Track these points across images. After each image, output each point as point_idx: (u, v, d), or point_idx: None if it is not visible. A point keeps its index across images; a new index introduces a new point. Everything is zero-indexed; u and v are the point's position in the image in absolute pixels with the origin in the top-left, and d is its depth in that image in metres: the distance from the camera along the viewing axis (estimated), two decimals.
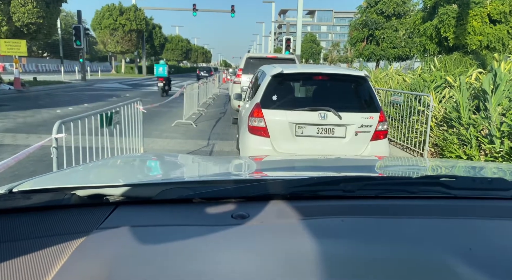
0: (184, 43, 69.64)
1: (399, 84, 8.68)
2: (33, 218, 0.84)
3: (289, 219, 0.83)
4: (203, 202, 0.92)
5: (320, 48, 65.85)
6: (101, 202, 0.92)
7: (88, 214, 0.86)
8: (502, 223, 0.87)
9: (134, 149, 5.01)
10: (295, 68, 4.84)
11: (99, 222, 0.81)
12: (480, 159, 5.11)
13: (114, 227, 0.79)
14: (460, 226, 0.84)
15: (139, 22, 37.93)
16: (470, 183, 1.07)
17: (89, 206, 0.91)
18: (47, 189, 0.93)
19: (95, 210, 0.88)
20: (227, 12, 32.73)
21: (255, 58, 9.54)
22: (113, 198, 0.92)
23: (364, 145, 4.08)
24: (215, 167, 1.56)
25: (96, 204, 0.92)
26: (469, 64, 9.84)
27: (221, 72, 33.15)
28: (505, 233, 0.83)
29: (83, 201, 0.91)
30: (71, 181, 1.16)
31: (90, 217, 0.84)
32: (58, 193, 0.91)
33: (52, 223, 0.81)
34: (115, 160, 1.70)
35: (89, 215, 0.85)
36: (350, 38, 28.03)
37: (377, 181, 1.11)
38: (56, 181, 1.13)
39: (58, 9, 19.32)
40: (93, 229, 0.78)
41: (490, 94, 5.16)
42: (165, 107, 10.91)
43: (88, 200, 0.92)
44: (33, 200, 0.89)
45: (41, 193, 0.90)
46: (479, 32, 14.80)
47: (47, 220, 0.83)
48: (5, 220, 0.82)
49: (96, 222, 0.81)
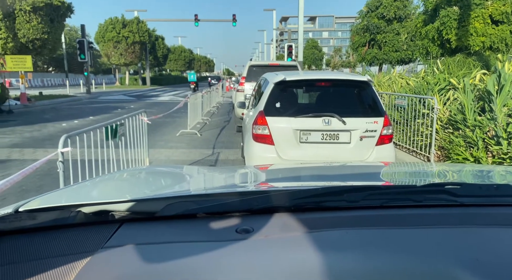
0: (187, 53, 70.24)
1: (403, 87, 8.65)
2: (39, 238, 0.84)
3: (293, 232, 0.83)
4: (207, 217, 0.92)
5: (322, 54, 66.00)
6: (106, 219, 0.92)
7: (93, 232, 0.86)
8: (509, 231, 0.86)
9: (139, 160, 5.03)
10: (298, 75, 4.85)
11: (104, 240, 0.81)
12: (488, 161, 5.06)
13: (119, 245, 0.79)
14: (466, 235, 0.83)
15: (142, 34, 38.36)
16: (476, 189, 1.05)
17: (95, 223, 0.91)
18: (53, 207, 0.93)
19: (101, 228, 0.88)
20: (229, 21, 33.03)
21: (258, 66, 9.58)
22: (118, 213, 0.93)
23: (369, 150, 4.06)
24: (219, 178, 1.56)
25: (101, 221, 0.92)
26: (473, 65, 9.80)
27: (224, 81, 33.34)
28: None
29: (88, 218, 0.91)
30: (77, 198, 1.16)
31: (95, 235, 0.84)
32: (64, 211, 0.91)
33: (58, 243, 0.81)
34: (120, 174, 1.71)
35: (94, 233, 0.85)
36: (352, 43, 28.07)
37: (381, 190, 1.10)
38: (62, 198, 1.13)
39: (62, 24, 19.63)
40: (98, 248, 0.78)
41: (495, 95, 5.13)
42: (169, 117, 10.97)
43: (94, 217, 0.92)
44: (39, 219, 0.89)
45: (47, 212, 0.91)
46: (481, 33, 14.75)
47: (53, 240, 0.83)
48: (11, 241, 0.82)
49: (101, 240, 0.81)
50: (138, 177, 1.61)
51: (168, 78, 53.85)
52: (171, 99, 21.55)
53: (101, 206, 0.93)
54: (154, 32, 45.73)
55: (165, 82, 48.64)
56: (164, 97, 24.21)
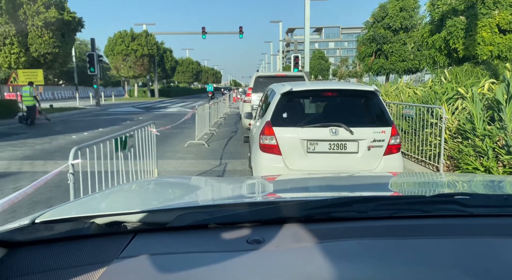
0: (194, 65, 71.06)
1: (410, 97, 8.63)
2: (56, 249, 0.86)
3: (304, 242, 0.83)
4: (219, 227, 0.93)
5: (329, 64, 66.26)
6: (119, 230, 0.94)
7: (108, 243, 0.87)
8: None
9: (148, 171, 5.07)
10: (304, 85, 4.87)
11: (119, 251, 0.83)
12: (499, 170, 4.99)
13: (133, 256, 0.80)
14: (477, 246, 0.82)
15: (150, 47, 39.00)
16: (486, 200, 1.05)
17: (109, 234, 0.93)
18: (67, 218, 0.95)
19: (115, 239, 0.89)
20: (236, 33, 33.42)
21: (264, 77, 9.65)
22: (131, 225, 0.94)
23: (377, 159, 4.04)
24: (228, 189, 1.57)
25: (115, 232, 0.93)
26: (481, 74, 9.75)
27: (231, 92, 33.61)
28: None
29: (102, 229, 0.93)
30: (90, 209, 1.18)
31: (110, 246, 0.86)
32: (78, 222, 0.93)
33: (75, 254, 0.83)
34: (130, 185, 1.73)
35: (109, 244, 0.87)
36: (359, 53, 28.18)
37: (391, 200, 1.10)
38: (76, 210, 1.16)
39: (73, 38, 20.08)
40: (113, 258, 0.79)
41: (504, 105, 5.09)
42: (178, 128, 11.06)
43: (107, 228, 0.94)
44: (55, 230, 0.91)
45: (62, 223, 0.93)
46: (489, 43, 14.71)
47: (69, 250, 0.85)
48: (30, 252, 0.84)
49: (116, 251, 0.83)
50: (147, 188, 1.62)
51: (176, 90, 54.45)
52: (179, 111, 21.74)
53: (114, 217, 0.94)
54: (162, 45, 46.49)
55: (173, 94, 49.17)
56: (172, 108, 24.44)
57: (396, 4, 25.62)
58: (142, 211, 0.96)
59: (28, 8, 16.72)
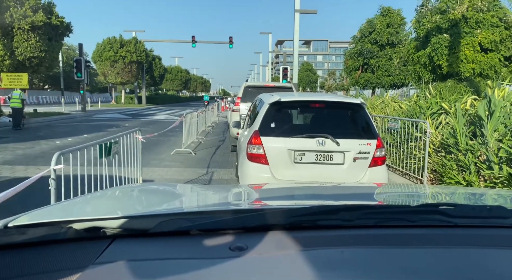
0: (183, 74, 71.00)
1: (396, 111, 8.78)
2: (28, 254, 0.82)
3: (288, 250, 0.82)
4: (201, 234, 0.91)
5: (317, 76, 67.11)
6: (98, 235, 0.91)
7: (84, 248, 0.84)
8: (503, 252, 0.86)
9: (133, 179, 4.99)
10: (293, 96, 4.92)
11: (95, 256, 0.80)
12: (480, 185, 5.09)
13: (110, 261, 0.78)
14: (461, 256, 0.83)
15: (139, 54, 38.83)
16: (470, 211, 1.06)
17: (86, 239, 0.90)
18: (43, 223, 0.92)
19: (92, 244, 0.87)
20: (225, 43, 33.63)
21: (253, 87, 9.70)
22: (110, 230, 0.91)
23: (362, 171, 4.08)
24: (213, 196, 1.56)
25: (93, 237, 0.91)
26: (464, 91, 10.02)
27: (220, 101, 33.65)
28: (506, 263, 0.82)
29: (79, 234, 0.90)
30: (68, 214, 1.15)
31: (86, 251, 0.83)
32: (54, 227, 0.90)
33: (47, 259, 0.80)
34: (113, 191, 1.70)
35: (85, 249, 0.84)
36: (346, 66, 28.63)
37: (376, 209, 1.11)
38: (53, 214, 1.12)
39: (60, 43, 19.83)
40: (89, 264, 0.77)
41: (486, 120, 5.22)
42: (164, 136, 10.96)
43: (85, 233, 0.91)
44: (28, 235, 0.88)
45: (37, 227, 0.89)
46: (471, 60, 15.16)
47: (42, 256, 0.82)
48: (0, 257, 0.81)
49: (92, 256, 0.80)
50: (131, 194, 1.60)
51: (164, 97, 54.17)
52: (166, 118, 21.59)
53: (93, 222, 0.92)
54: (151, 52, 46.34)
55: (161, 101, 48.91)
56: (160, 116, 24.27)
57: (383, 20, 26.26)
58: (123, 217, 0.93)
59: (15, 11, 16.48)
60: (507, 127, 5.15)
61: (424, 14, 16.76)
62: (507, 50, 15.23)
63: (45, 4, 18.12)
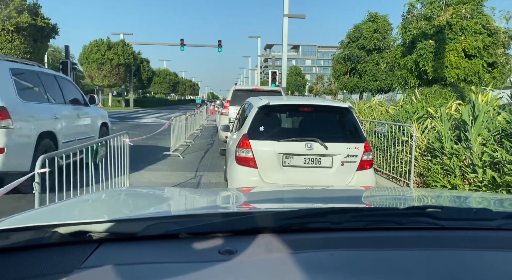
0: (171, 77, 70.63)
1: (383, 115, 8.90)
2: (11, 259, 0.80)
3: (277, 253, 0.82)
4: (190, 237, 0.90)
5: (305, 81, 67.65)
6: (83, 240, 0.89)
7: (69, 253, 0.83)
8: (489, 254, 0.88)
9: (120, 183, 4.92)
10: (281, 100, 4.94)
11: (81, 261, 0.78)
12: (464, 188, 5.19)
13: (96, 266, 0.76)
14: (448, 258, 0.84)
15: (127, 57, 38.50)
16: (457, 213, 1.08)
17: (71, 244, 0.88)
18: (27, 227, 0.90)
19: (78, 248, 0.85)
20: (214, 46, 33.61)
21: (242, 90, 9.71)
22: (97, 234, 0.90)
23: (350, 174, 4.12)
24: (202, 200, 1.55)
25: (78, 241, 0.89)
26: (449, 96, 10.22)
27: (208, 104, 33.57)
28: (492, 265, 0.83)
29: (64, 239, 0.88)
30: (53, 218, 1.12)
31: (71, 256, 0.81)
32: (39, 231, 0.88)
33: (31, 264, 0.78)
34: (99, 194, 1.67)
35: (70, 254, 0.82)
36: (334, 71, 28.97)
37: (365, 212, 1.12)
38: (37, 218, 1.10)
39: (45, 45, 19.57)
40: (74, 268, 0.75)
41: (470, 125, 5.34)
42: (152, 139, 10.86)
43: (70, 238, 0.89)
44: (12, 239, 0.85)
45: (21, 232, 0.87)
46: (456, 66, 15.51)
47: (26, 261, 0.80)
48: None
49: (78, 261, 0.78)
50: (118, 197, 1.57)
51: (152, 100, 53.74)
52: (154, 122, 21.41)
53: (79, 226, 0.90)
54: (139, 55, 46.01)
55: (149, 104, 48.51)
56: (147, 119, 24.05)
57: (370, 26, 26.68)
58: (110, 220, 0.92)
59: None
60: (490, 132, 5.27)
61: (410, 20, 17.09)
62: (490, 56, 15.62)
63: (31, 5, 17.87)
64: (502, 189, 4.49)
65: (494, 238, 0.98)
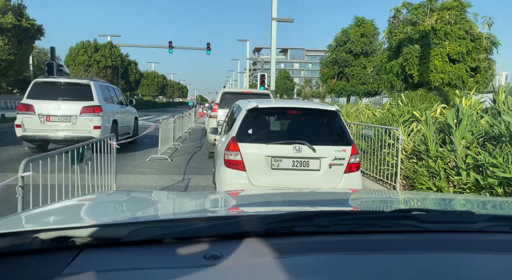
0: (160, 79, 70.12)
1: (369, 118, 9.01)
2: None
3: (264, 257, 0.82)
4: (175, 242, 0.89)
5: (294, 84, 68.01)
6: (65, 246, 0.87)
7: (50, 259, 0.81)
8: (472, 256, 0.90)
9: (106, 186, 4.86)
10: (270, 102, 4.95)
11: (61, 268, 0.76)
12: (449, 190, 5.28)
13: (78, 272, 0.75)
14: (432, 261, 0.85)
15: (114, 59, 38.08)
16: (441, 216, 1.10)
17: (53, 250, 0.86)
18: (6, 233, 0.87)
19: (59, 255, 0.83)
20: (203, 49, 33.52)
21: (231, 93, 9.70)
22: (79, 240, 0.88)
23: (338, 177, 4.15)
24: (189, 203, 1.54)
25: (60, 247, 0.86)
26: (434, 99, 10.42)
27: (197, 107, 33.40)
28: (474, 267, 0.85)
29: (45, 245, 0.86)
30: (34, 223, 1.10)
31: (52, 262, 0.79)
32: (19, 237, 0.86)
33: (10, 272, 0.76)
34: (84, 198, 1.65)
35: (52, 260, 0.80)
36: (322, 75, 29.21)
37: (351, 215, 1.13)
38: (18, 224, 1.07)
39: (30, 46, 19.22)
40: (54, 276, 0.73)
41: (454, 128, 5.44)
42: (140, 142, 10.76)
43: (52, 244, 0.86)
44: None
45: (0, 238, 0.85)
46: (440, 70, 15.81)
47: (4, 268, 0.77)
48: None
49: (59, 267, 0.76)
50: (103, 201, 1.55)
51: (139, 103, 53.16)
52: (142, 124, 21.14)
53: (61, 231, 0.88)
54: (127, 57, 45.56)
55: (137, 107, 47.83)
56: None
57: (357, 30, 27.01)
58: (93, 225, 0.90)
59: None
60: (473, 135, 5.38)
61: (396, 25, 17.38)
62: (473, 61, 15.98)
63: (15, 6, 17.53)
64: (485, 191, 4.58)
65: (476, 240, 1.00)
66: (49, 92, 8.69)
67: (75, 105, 8.56)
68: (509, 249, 0.94)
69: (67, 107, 8.55)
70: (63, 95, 8.71)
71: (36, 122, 8.53)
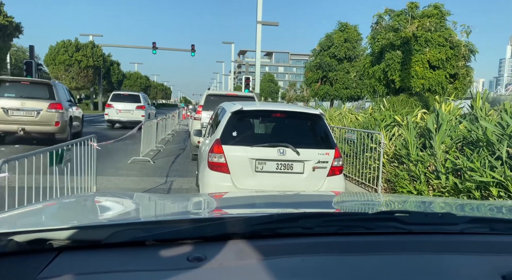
0: (143, 80, 69.26)
1: (352, 122, 9.13)
2: None
3: (248, 259, 0.81)
4: (157, 245, 0.87)
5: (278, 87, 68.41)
6: (43, 248, 0.84)
7: (26, 262, 0.77)
8: (453, 257, 0.91)
9: (86, 188, 4.74)
10: (255, 105, 4.96)
11: (37, 271, 0.74)
12: (429, 194, 5.39)
13: (54, 276, 0.72)
14: (415, 262, 0.86)
15: (96, 59, 37.41)
16: (423, 218, 1.11)
17: (29, 253, 0.82)
18: None
19: (35, 258, 0.79)
20: (187, 51, 33.34)
21: (215, 95, 9.67)
22: (58, 242, 0.84)
23: (321, 180, 4.18)
24: (172, 206, 1.51)
25: (36, 250, 0.83)
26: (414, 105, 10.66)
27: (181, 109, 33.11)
28: (456, 268, 0.86)
29: (21, 247, 0.82)
30: (10, 225, 1.05)
31: (28, 265, 0.76)
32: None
33: None
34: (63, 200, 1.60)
35: (27, 264, 0.77)
36: (306, 78, 29.45)
37: (335, 217, 1.13)
38: None
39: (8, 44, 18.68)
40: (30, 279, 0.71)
41: (434, 133, 5.57)
42: (121, 143, 10.57)
43: (28, 246, 0.83)
44: None
45: None
46: (421, 76, 16.19)
47: None
48: None
49: (35, 271, 0.73)
50: (83, 203, 1.51)
51: None
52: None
53: (38, 233, 0.84)
54: (109, 57, 44.86)
55: None
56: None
57: (341, 35, 27.40)
58: (72, 227, 0.87)
59: None
60: (452, 139, 5.53)
61: (378, 31, 17.71)
62: (452, 68, 16.43)
63: None
64: (463, 195, 4.70)
65: (457, 242, 1.02)
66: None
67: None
68: (489, 250, 0.96)
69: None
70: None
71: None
